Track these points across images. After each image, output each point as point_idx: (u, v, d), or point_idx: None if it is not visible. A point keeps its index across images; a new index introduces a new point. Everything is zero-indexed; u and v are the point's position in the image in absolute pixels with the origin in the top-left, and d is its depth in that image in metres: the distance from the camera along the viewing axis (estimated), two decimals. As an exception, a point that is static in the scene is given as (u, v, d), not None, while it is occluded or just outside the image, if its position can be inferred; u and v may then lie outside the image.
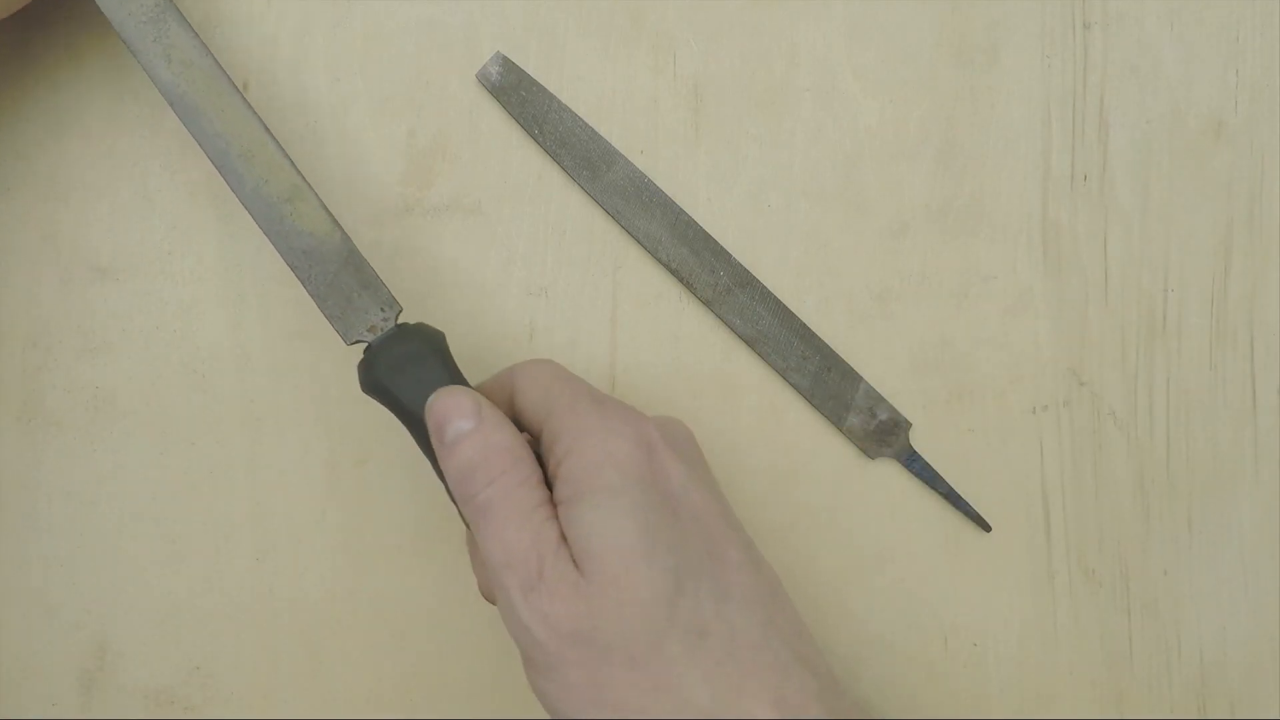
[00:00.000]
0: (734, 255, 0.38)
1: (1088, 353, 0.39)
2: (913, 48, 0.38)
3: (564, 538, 0.28)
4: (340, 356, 0.38)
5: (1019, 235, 0.39)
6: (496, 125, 0.38)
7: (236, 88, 0.33)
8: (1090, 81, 0.39)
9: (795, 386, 0.38)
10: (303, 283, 0.33)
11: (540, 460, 0.30)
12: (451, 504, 0.31)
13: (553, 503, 0.29)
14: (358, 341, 0.33)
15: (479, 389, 0.32)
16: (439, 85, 0.38)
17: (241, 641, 0.38)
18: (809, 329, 0.38)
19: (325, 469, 0.38)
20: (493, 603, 0.31)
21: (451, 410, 0.30)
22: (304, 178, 0.33)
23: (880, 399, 0.38)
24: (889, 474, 0.38)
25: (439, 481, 0.33)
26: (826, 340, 0.38)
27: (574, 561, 0.27)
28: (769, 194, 0.38)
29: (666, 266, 0.38)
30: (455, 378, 0.32)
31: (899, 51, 0.38)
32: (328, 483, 0.38)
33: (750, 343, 0.38)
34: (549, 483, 0.29)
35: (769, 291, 0.38)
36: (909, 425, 0.38)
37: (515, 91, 0.37)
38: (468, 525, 0.30)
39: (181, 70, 0.33)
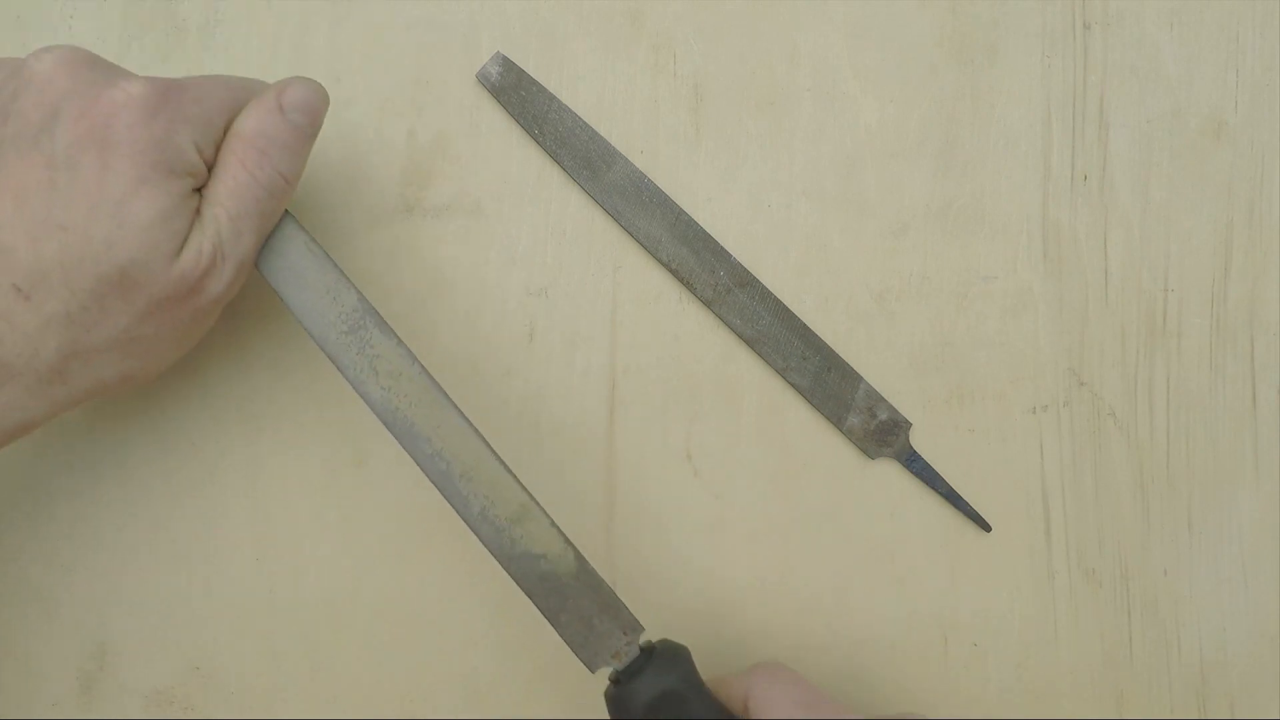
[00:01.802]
0: (734, 255, 0.38)
1: (1088, 353, 0.39)
2: (913, 48, 0.38)
3: None
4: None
5: (1019, 235, 0.39)
6: (496, 125, 0.38)
7: (448, 397, 0.31)
8: (1090, 81, 0.39)
9: (795, 386, 0.38)
10: (540, 609, 0.31)
11: None
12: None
13: None
14: (601, 669, 0.31)
15: (712, 684, 0.32)
16: (439, 85, 0.38)
17: (241, 641, 0.38)
18: (809, 329, 0.38)
19: (325, 469, 0.38)
20: None
21: None
22: (530, 494, 0.31)
23: (880, 399, 0.38)
24: (889, 474, 0.38)
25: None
26: (826, 340, 0.38)
27: None
28: (769, 194, 0.38)
29: (666, 266, 0.38)
30: (710, 710, 0.30)
31: (899, 51, 0.38)
32: (327, 483, 0.38)
33: (750, 343, 0.38)
34: None
35: (769, 291, 0.38)
36: (909, 425, 0.38)
37: (515, 91, 0.37)
38: None
39: (391, 384, 0.31)
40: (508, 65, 0.37)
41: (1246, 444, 0.39)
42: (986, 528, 0.38)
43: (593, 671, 0.31)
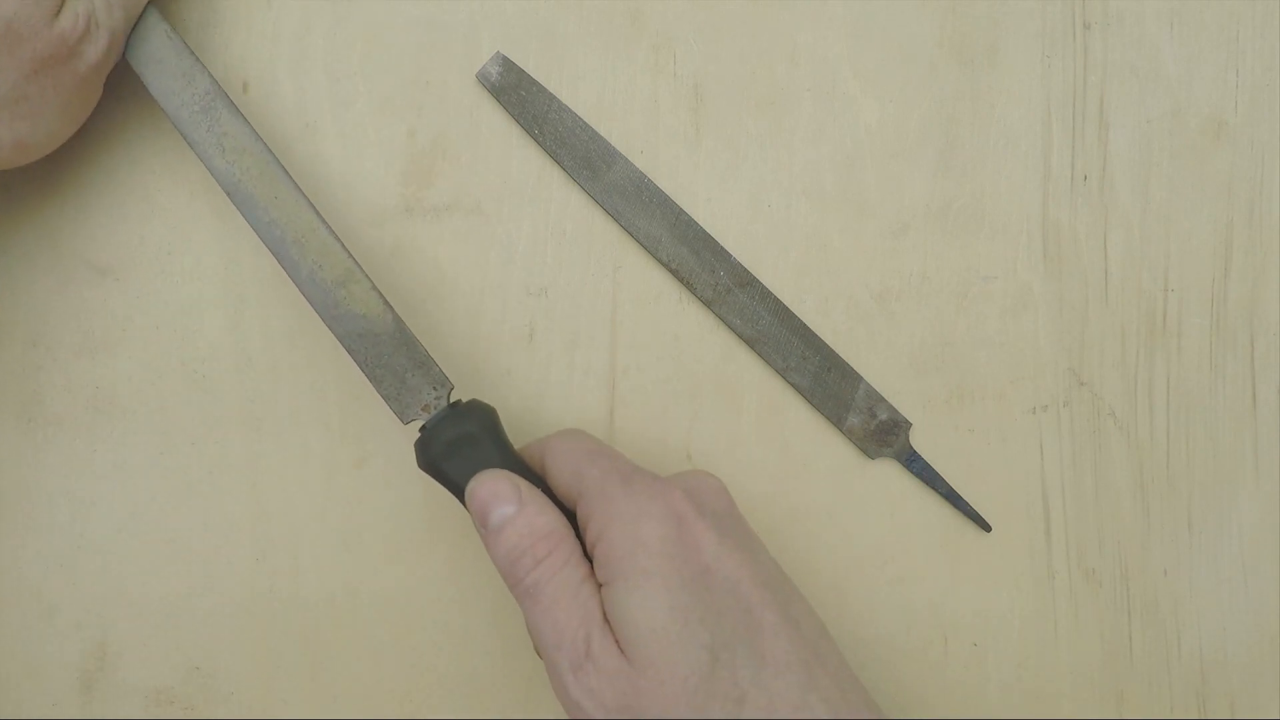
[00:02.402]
0: (734, 255, 0.38)
1: (1088, 353, 0.39)
2: (913, 48, 0.38)
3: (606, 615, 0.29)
4: (340, 356, 0.38)
5: (1019, 235, 0.39)
6: (496, 125, 0.38)
7: (288, 173, 0.34)
8: (1090, 81, 0.39)
9: (795, 386, 0.38)
10: (358, 365, 0.33)
11: (579, 535, 0.31)
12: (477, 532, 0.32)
13: (595, 579, 0.30)
14: (413, 420, 0.33)
15: (520, 452, 0.33)
16: (439, 85, 0.38)
17: (241, 641, 0.38)
18: (809, 329, 0.38)
19: (325, 469, 0.38)
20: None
21: (492, 496, 0.31)
22: (356, 261, 0.34)
23: (880, 399, 0.38)
24: (889, 474, 0.38)
25: (438, 482, 0.33)
26: (826, 340, 0.38)
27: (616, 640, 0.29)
28: (769, 194, 0.38)
29: (666, 266, 0.38)
30: (507, 459, 0.32)
31: (899, 51, 0.38)
32: (328, 483, 0.38)
33: (750, 343, 0.38)
34: (589, 557, 0.30)
35: (769, 291, 0.38)
36: (909, 425, 0.38)
37: (515, 91, 0.37)
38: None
39: (235, 159, 0.33)
40: (508, 65, 0.37)
41: (1246, 444, 0.39)
42: (986, 528, 0.38)
43: (405, 423, 0.33)
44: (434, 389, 0.33)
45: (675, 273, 0.38)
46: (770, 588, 0.30)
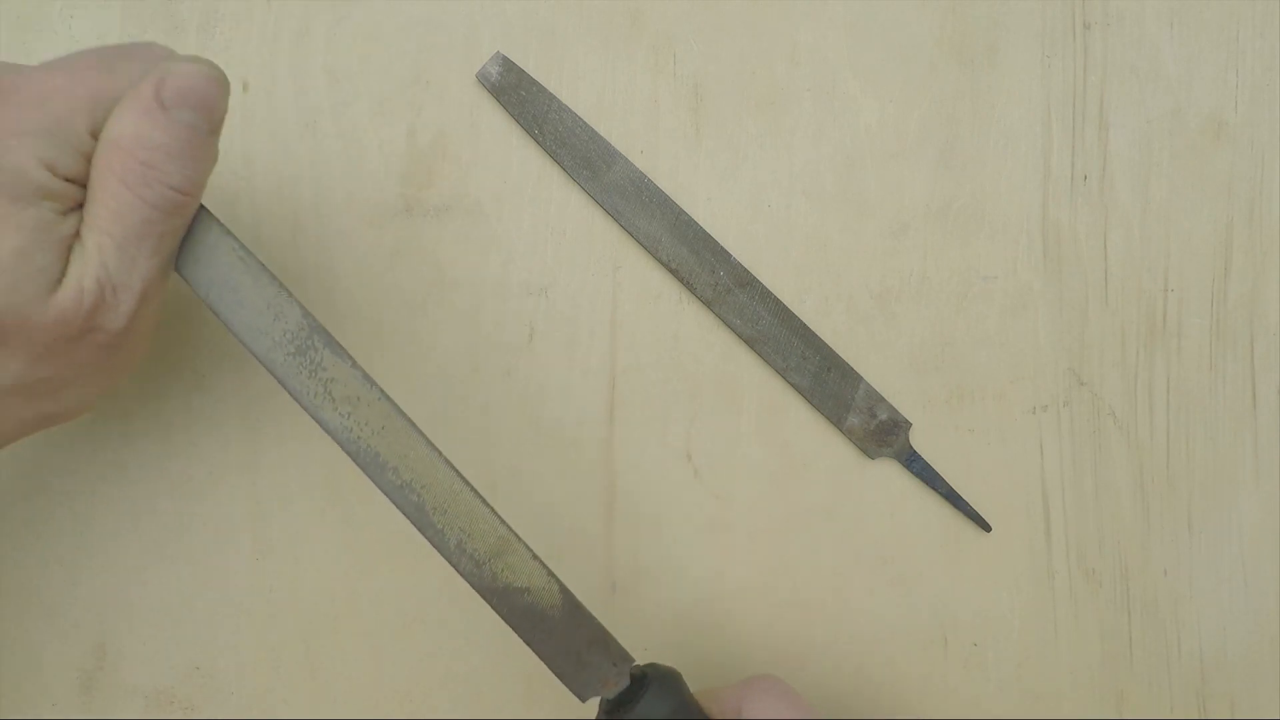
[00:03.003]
0: (734, 255, 0.38)
1: (1088, 353, 0.39)
2: (913, 48, 0.38)
3: None
4: (340, 356, 0.38)
5: (1019, 235, 0.39)
6: (496, 125, 0.38)
7: (411, 422, 0.29)
8: (1090, 81, 0.39)
9: (795, 386, 0.38)
10: (526, 643, 0.29)
11: None
12: None
13: None
14: (591, 698, 0.30)
15: (700, 696, 0.31)
16: (439, 85, 0.38)
17: (241, 641, 0.38)
18: (809, 329, 0.38)
19: (325, 469, 0.38)
20: None
21: None
22: (508, 526, 0.29)
23: (880, 399, 0.38)
24: (889, 474, 0.38)
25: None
26: (826, 340, 0.38)
27: None
28: (769, 194, 0.38)
29: (666, 266, 0.38)
30: None
31: (899, 51, 0.38)
32: (328, 483, 0.38)
33: (750, 343, 0.38)
34: None
35: (769, 291, 0.38)
36: (909, 425, 0.38)
37: (515, 91, 0.37)
38: None
39: (350, 410, 0.28)
40: (508, 65, 0.37)
41: (1246, 444, 0.39)
42: (986, 528, 0.38)
43: (583, 701, 0.30)
44: (614, 665, 0.30)
45: (675, 272, 0.38)
46: None
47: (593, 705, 0.31)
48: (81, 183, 0.25)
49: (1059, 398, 0.39)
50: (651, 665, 0.31)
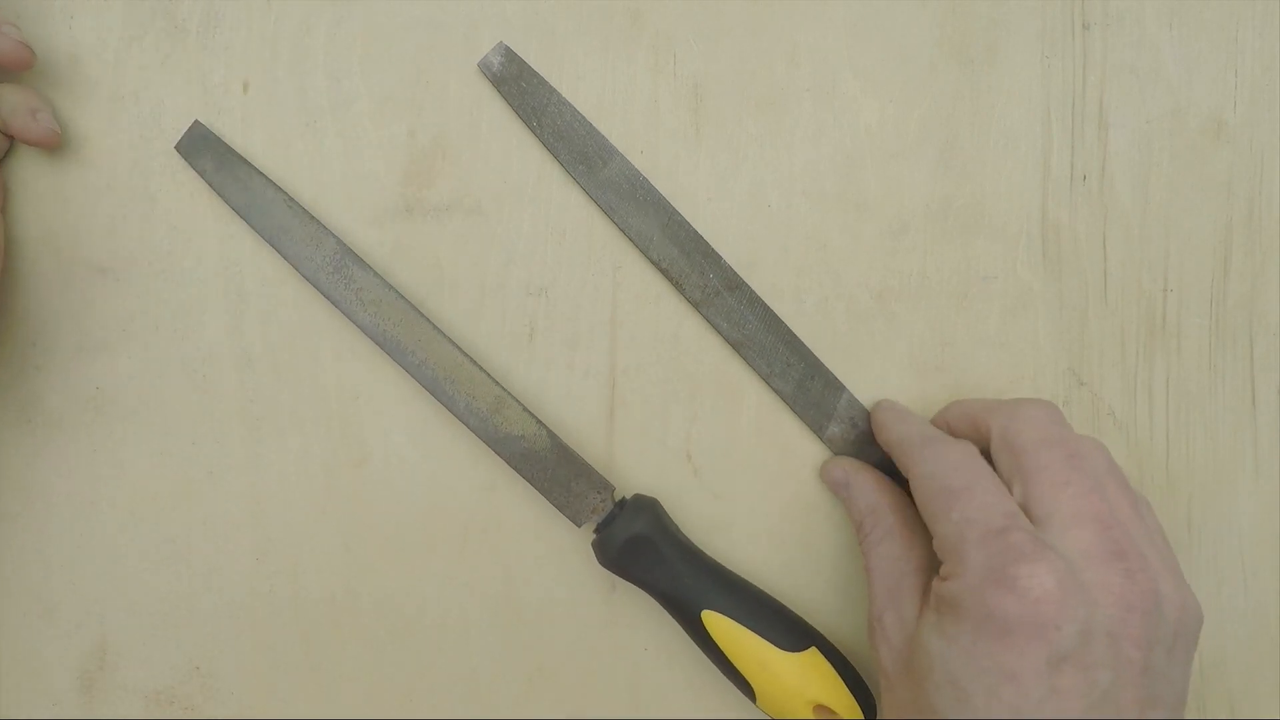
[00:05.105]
0: (733, 255, 0.38)
1: (1087, 353, 0.39)
2: (913, 48, 0.38)
3: None
4: (340, 356, 0.38)
5: (1019, 235, 0.39)
6: (496, 125, 0.38)
7: (421, 314, 0.36)
8: (1090, 81, 0.39)
9: (778, 392, 0.38)
10: (528, 481, 0.36)
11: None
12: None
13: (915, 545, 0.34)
14: (585, 523, 0.36)
15: (958, 408, 0.36)
16: (439, 85, 0.38)
17: (241, 641, 0.38)
18: (795, 335, 0.38)
19: (325, 469, 0.38)
20: None
21: (831, 483, 0.37)
22: (501, 386, 0.36)
23: (862, 410, 0.38)
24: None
25: (438, 481, 0.33)
26: (827, 341, 0.38)
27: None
28: (769, 194, 0.38)
29: (656, 265, 0.38)
30: (683, 550, 0.36)
31: (899, 51, 0.38)
32: (328, 483, 0.38)
33: (735, 346, 0.38)
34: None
35: (757, 296, 0.38)
36: (909, 425, 0.38)
37: (516, 82, 0.37)
38: None
39: (376, 310, 0.36)
40: (509, 55, 0.37)
41: (1246, 444, 0.39)
42: (986, 528, 0.38)
43: (579, 526, 0.36)
44: (598, 493, 0.36)
45: (665, 272, 0.38)
46: None
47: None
48: None
49: (1059, 397, 0.39)
50: (635, 495, 0.36)
